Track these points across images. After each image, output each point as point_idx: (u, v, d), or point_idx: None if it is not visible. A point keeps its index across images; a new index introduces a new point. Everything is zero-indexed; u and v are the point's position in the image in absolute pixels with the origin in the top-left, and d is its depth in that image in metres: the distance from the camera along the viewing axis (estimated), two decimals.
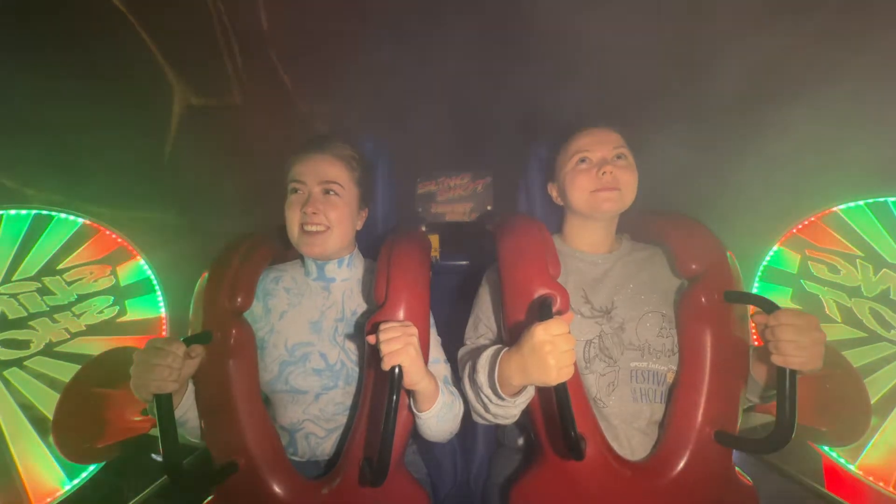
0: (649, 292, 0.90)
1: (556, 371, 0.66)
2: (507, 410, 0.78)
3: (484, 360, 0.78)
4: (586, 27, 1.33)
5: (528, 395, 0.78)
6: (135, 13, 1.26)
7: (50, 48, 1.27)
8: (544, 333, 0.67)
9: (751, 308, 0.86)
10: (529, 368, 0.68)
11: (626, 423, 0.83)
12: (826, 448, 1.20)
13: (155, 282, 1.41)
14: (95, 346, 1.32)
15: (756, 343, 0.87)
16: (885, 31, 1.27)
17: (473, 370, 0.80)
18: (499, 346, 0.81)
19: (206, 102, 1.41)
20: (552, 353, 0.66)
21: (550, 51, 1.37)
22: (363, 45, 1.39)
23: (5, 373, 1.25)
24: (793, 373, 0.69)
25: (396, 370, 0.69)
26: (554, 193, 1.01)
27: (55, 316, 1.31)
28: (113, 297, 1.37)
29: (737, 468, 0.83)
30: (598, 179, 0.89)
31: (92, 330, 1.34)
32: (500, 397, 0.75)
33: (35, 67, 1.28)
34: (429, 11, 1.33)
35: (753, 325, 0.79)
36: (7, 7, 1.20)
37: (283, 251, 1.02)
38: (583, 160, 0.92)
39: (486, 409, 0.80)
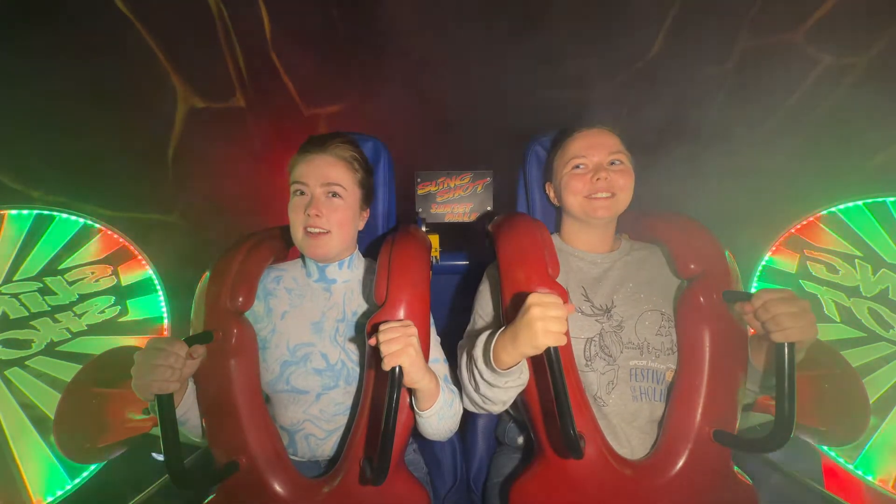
0: (648, 291, 0.90)
1: (542, 334, 0.66)
2: (497, 393, 0.78)
3: (483, 336, 0.79)
4: (587, 29, 1.34)
5: (521, 379, 0.78)
6: (140, 18, 1.27)
7: (56, 52, 1.28)
8: (536, 297, 0.68)
9: None
10: (519, 334, 0.69)
11: (626, 422, 0.84)
12: (825, 448, 1.20)
13: (157, 282, 1.42)
14: (97, 346, 1.33)
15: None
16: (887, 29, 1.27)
17: (472, 346, 0.80)
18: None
19: (210, 105, 1.41)
20: (541, 317, 0.67)
21: (551, 50, 1.37)
22: (364, 46, 1.39)
23: (7, 372, 1.26)
24: (791, 348, 0.69)
25: (397, 370, 0.69)
26: (551, 194, 1.02)
27: (56, 315, 1.32)
28: (114, 297, 1.37)
29: (736, 468, 0.83)
30: (592, 184, 0.90)
31: (93, 330, 1.34)
32: (491, 369, 0.75)
33: (41, 71, 1.29)
34: (428, 11, 1.34)
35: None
36: (13, 11, 1.21)
37: (285, 250, 1.02)
38: (578, 166, 0.92)
39: (477, 388, 0.80)
